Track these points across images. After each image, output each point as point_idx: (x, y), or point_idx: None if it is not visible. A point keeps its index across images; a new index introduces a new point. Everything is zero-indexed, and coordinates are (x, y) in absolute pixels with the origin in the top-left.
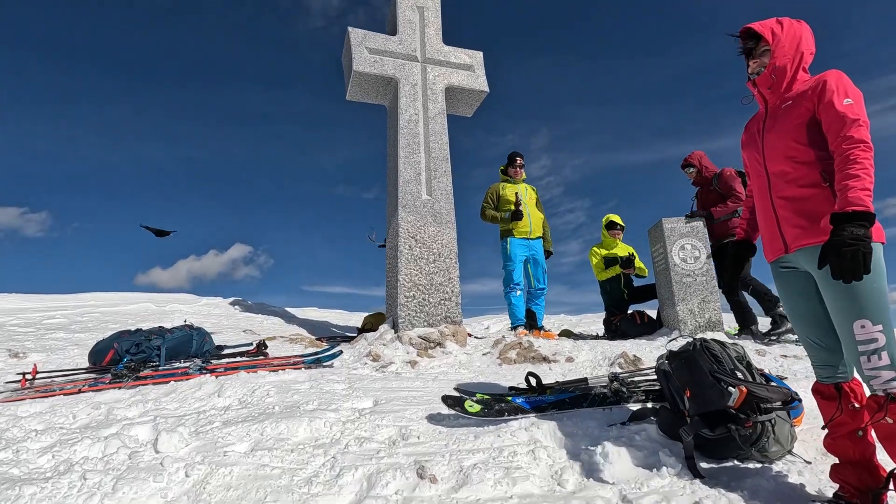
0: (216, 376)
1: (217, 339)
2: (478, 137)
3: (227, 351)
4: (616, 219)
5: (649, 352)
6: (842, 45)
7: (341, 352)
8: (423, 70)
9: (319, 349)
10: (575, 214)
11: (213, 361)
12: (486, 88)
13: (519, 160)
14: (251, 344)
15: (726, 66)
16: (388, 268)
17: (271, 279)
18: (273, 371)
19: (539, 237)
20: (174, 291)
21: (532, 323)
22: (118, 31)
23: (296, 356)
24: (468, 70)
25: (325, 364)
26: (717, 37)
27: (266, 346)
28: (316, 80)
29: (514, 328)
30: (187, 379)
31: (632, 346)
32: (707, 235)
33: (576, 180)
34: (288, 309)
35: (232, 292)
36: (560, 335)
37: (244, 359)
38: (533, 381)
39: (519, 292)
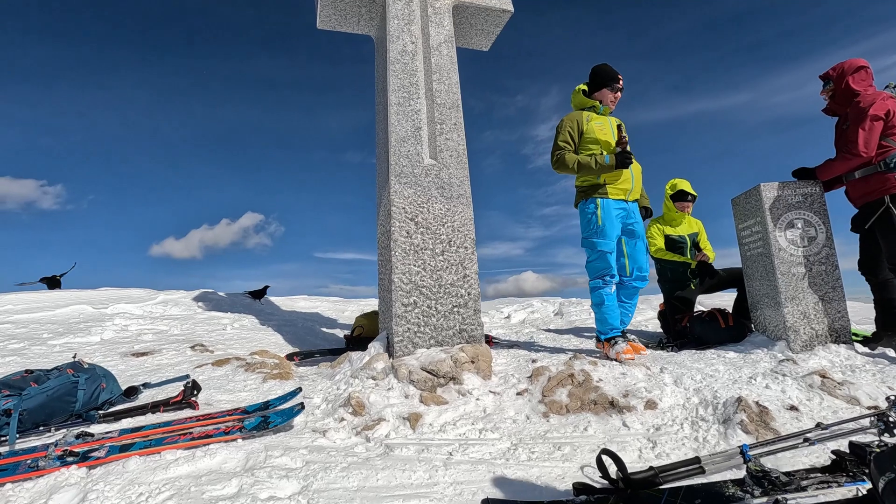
0: (89, 467)
1: (153, 363)
2: (485, 98)
3: (131, 405)
4: (685, 186)
5: (763, 386)
6: None
7: (302, 407)
8: None
9: (272, 400)
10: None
11: (96, 432)
12: (510, 6)
13: (622, 81)
14: (187, 377)
15: (742, 18)
16: (380, 262)
17: (283, 246)
18: (191, 446)
19: (636, 200)
20: (180, 264)
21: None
22: (122, 1)
23: (233, 416)
24: None
25: (276, 427)
26: None
27: (196, 391)
28: (321, 41)
29: (604, 341)
30: (37, 476)
31: (727, 372)
32: (825, 207)
33: None
34: (273, 300)
35: (244, 262)
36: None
37: (154, 419)
38: (610, 467)
39: (614, 287)
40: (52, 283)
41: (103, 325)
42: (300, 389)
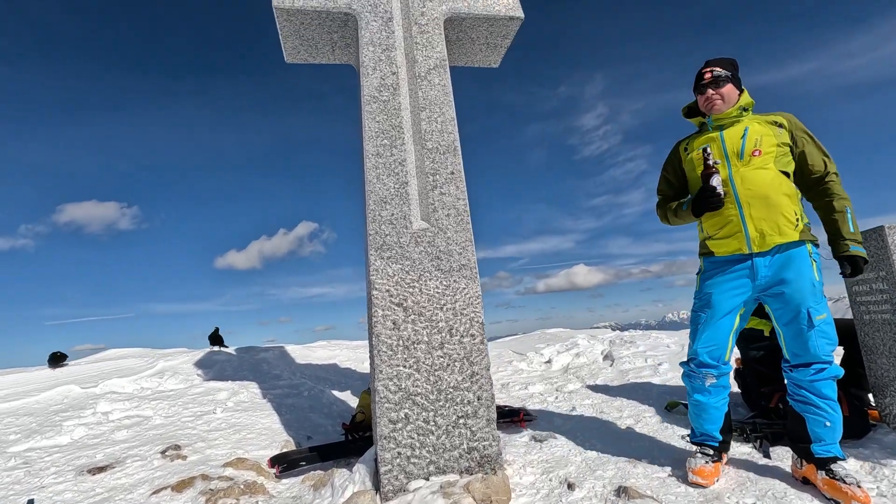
0: None
1: (109, 484)
2: (526, 91)
3: None
4: None
5: None
6: None
7: None
8: None
9: None
10: (636, 163)
11: None
12: (520, 12)
13: (707, 74)
14: None
15: None
16: (370, 357)
17: (336, 253)
18: None
19: (792, 243)
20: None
21: (726, 438)
22: (183, 31)
23: None
24: None
25: None
26: None
27: None
28: None
29: (696, 443)
30: None
31: None
32: None
33: (635, 126)
34: (290, 350)
35: (301, 269)
36: (668, 408)
37: None
38: None
39: (713, 380)
40: (56, 360)
41: (81, 416)
42: None
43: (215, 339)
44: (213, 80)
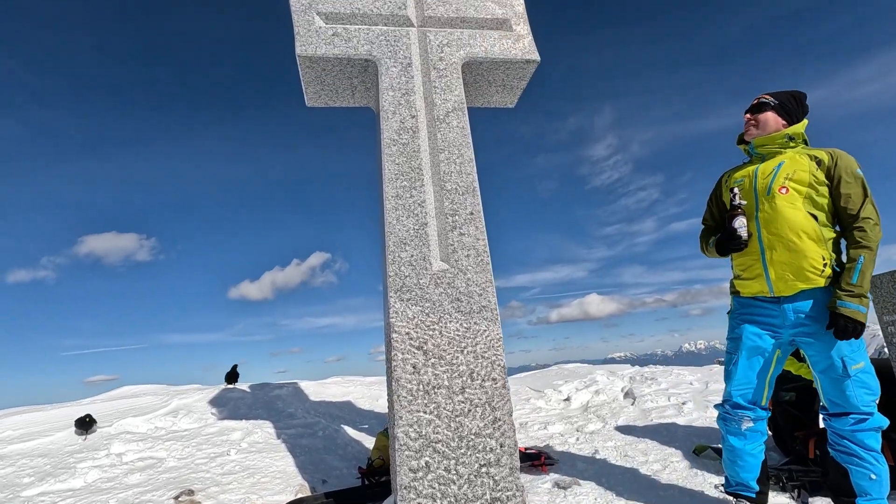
0: None
1: None
2: (536, 123)
3: None
4: None
5: None
6: None
7: None
8: (420, 38)
9: None
10: (647, 192)
11: None
12: (536, 56)
13: (756, 101)
14: None
15: (808, 11)
16: (389, 401)
17: (348, 283)
18: None
19: (819, 288)
20: (254, 306)
21: (763, 489)
22: (204, 70)
23: None
24: (501, 29)
25: None
26: None
27: None
28: None
29: (732, 494)
30: None
31: None
32: None
33: (645, 156)
34: (304, 386)
35: (313, 300)
36: (696, 452)
37: None
38: None
39: (749, 423)
40: (84, 424)
41: (95, 458)
42: None
43: (232, 376)
44: (231, 116)
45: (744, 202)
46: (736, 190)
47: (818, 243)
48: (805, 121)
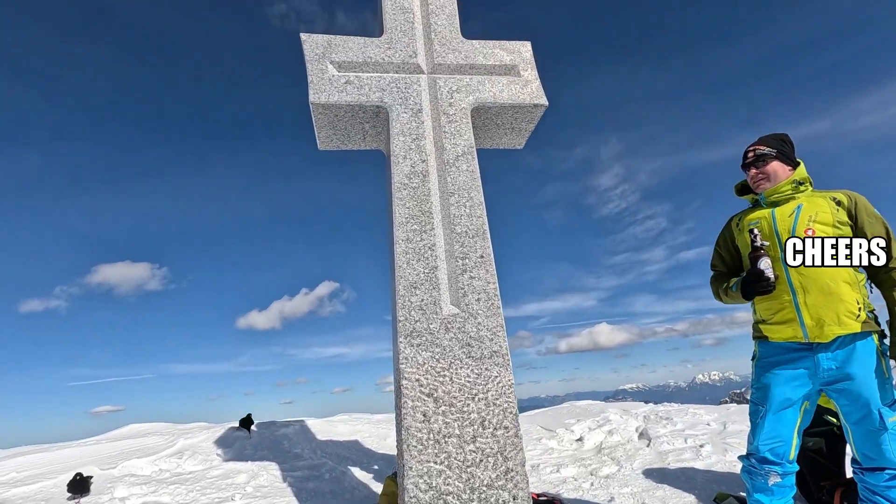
0: None
1: None
2: (543, 154)
3: None
4: None
5: None
6: None
7: None
8: (430, 85)
9: None
10: (656, 221)
11: None
12: (544, 100)
13: (751, 154)
14: None
15: (812, 44)
16: (398, 450)
17: (356, 312)
18: None
19: (855, 334)
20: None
21: None
22: (215, 105)
23: None
24: (509, 75)
25: None
26: (797, 14)
27: None
28: None
29: None
30: None
31: None
32: None
33: (652, 185)
34: (311, 424)
35: (321, 329)
36: (716, 501)
37: None
38: None
39: (777, 478)
40: (76, 486)
41: (98, 502)
42: None
43: (246, 423)
44: (242, 148)
45: (766, 243)
46: (756, 231)
47: (852, 286)
48: (801, 162)
